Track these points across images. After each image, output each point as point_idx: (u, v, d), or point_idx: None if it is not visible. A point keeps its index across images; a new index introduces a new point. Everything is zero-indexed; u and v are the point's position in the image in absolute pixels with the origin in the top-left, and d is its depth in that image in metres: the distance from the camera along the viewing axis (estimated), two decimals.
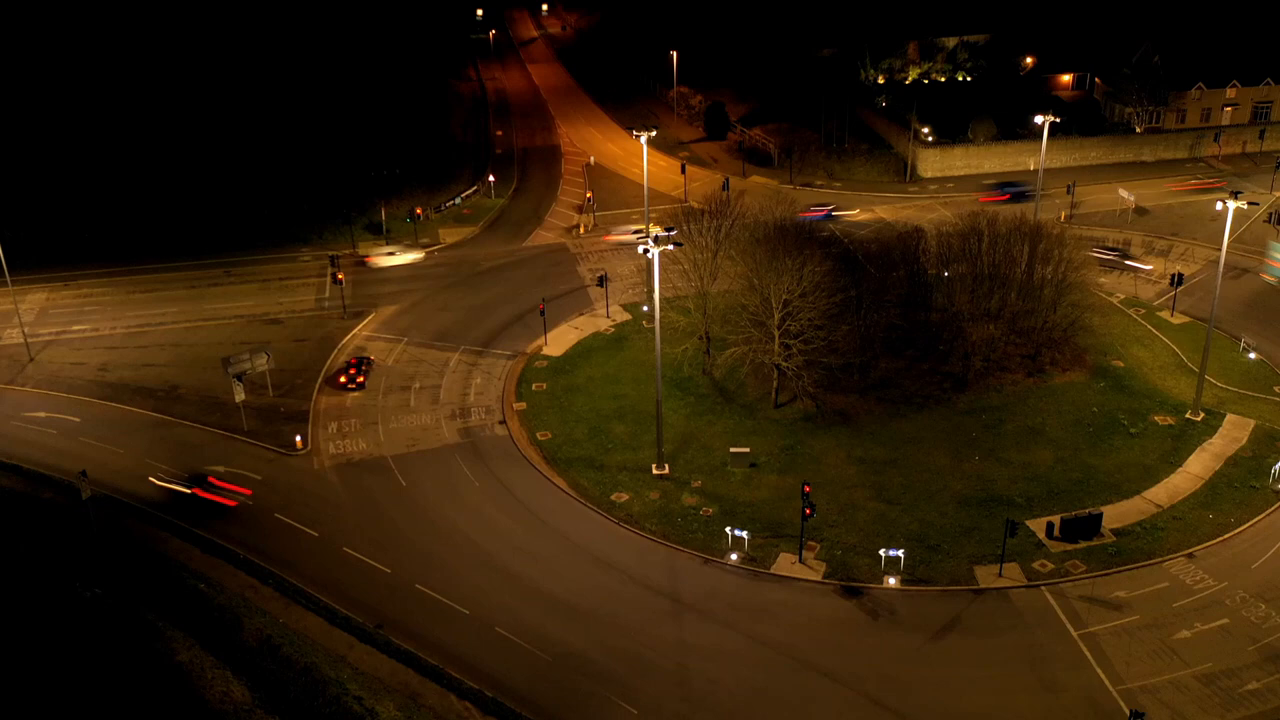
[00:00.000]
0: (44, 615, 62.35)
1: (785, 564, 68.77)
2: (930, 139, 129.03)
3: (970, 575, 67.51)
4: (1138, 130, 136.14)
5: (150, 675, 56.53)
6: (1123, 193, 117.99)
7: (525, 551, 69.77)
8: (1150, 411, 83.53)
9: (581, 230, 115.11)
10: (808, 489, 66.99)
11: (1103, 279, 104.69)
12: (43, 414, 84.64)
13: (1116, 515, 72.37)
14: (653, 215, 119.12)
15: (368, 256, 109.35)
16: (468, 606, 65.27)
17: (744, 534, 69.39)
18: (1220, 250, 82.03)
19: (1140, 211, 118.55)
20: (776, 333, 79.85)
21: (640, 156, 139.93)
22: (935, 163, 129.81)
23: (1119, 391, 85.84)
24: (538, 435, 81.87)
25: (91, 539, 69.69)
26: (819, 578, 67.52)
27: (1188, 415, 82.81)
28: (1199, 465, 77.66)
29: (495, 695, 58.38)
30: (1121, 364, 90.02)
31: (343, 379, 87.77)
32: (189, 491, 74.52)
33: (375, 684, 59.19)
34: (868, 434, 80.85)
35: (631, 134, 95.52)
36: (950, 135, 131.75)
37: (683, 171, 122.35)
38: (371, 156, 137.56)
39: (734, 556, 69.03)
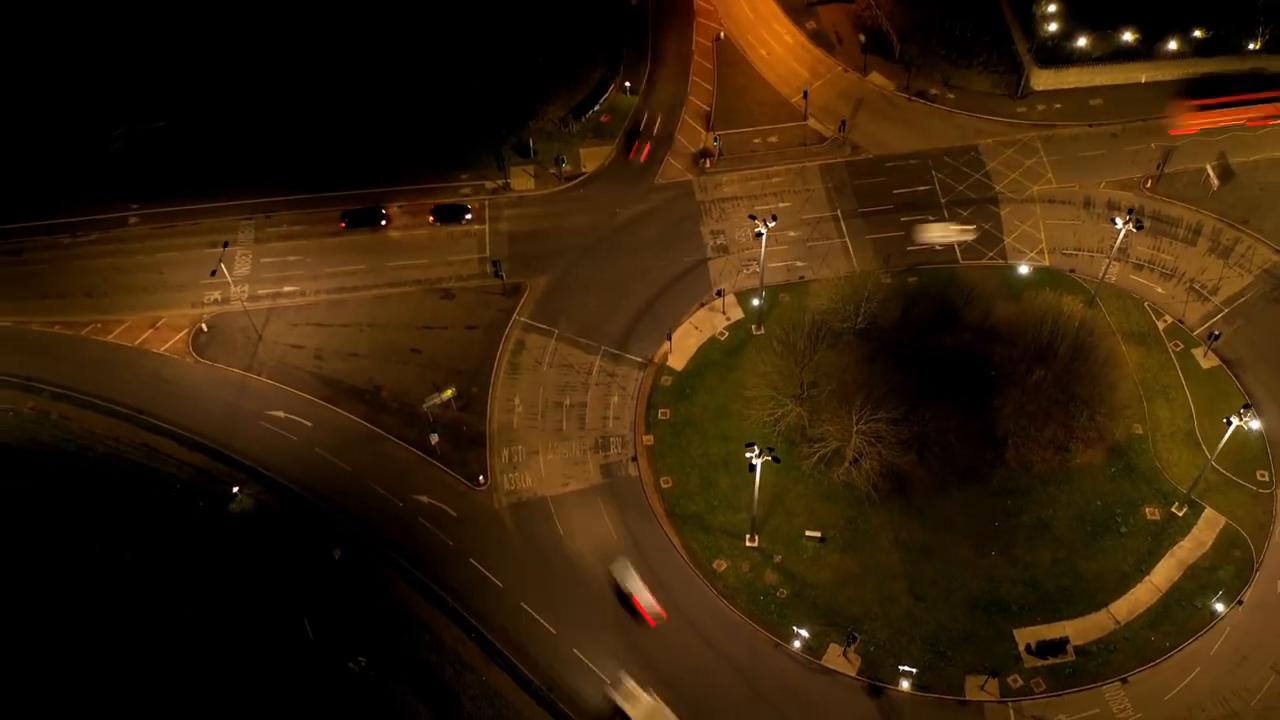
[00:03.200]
0: (325, 694, 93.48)
1: (834, 655, 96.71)
2: (1054, 27, 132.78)
3: (961, 684, 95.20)
4: (1254, 46, 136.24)
5: None
6: (1209, 170, 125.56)
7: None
8: (1144, 502, 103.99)
9: (708, 164, 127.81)
10: (854, 635, 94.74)
11: (1160, 289, 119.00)
12: (281, 413, 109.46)
13: (1082, 631, 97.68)
14: (773, 146, 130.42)
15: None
16: (609, 675, 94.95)
17: (805, 632, 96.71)
18: None
19: (1225, 178, 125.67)
20: (854, 436, 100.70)
21: (773, 29, 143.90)
22: (1048, 78, 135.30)
23: (1125, 477, 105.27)
24: (661, 482, 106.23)
25: (346, 597, 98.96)
26: (854, 673, 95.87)
27: (1173, 508, 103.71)
28: (1163, 575, 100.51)
29: None
30: (1140, 430, 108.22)
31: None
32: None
33: None
34: (915, 510, 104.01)
35: (754, 226, 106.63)
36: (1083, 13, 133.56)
37: (805, 97, 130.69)
38: (509, 32, 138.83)
39: (796, 644, 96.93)
